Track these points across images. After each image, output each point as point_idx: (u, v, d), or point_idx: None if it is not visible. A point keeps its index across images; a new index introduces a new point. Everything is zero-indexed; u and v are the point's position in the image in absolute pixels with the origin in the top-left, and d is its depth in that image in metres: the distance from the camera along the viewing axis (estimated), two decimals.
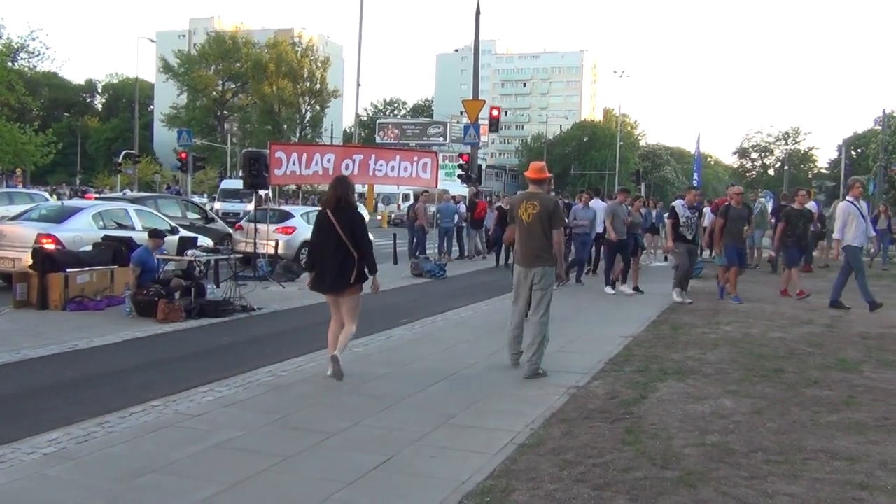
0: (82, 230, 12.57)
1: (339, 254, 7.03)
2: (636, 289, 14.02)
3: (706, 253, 18.21)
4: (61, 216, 12.96)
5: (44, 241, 11.71)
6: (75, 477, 4.51)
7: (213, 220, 19.28)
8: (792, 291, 13.21)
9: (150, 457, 4.86)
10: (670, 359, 8.04)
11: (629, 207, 14.41)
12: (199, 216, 18.57)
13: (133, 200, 16.34)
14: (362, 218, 7.27)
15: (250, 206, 23.06)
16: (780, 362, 7.92)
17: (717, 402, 6.31)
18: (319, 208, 7.97)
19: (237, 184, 34.15)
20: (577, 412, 6.02)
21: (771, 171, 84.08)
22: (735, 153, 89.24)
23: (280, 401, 6.31)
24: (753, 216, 15.64)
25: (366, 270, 7.20)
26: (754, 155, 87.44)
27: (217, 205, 34.84)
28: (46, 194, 29.70)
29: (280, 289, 13.64)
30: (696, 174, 21.26)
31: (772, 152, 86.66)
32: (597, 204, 15.83)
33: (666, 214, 14.99)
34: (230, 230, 19.32)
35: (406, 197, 45.50)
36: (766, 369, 7.57)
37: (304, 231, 17.76)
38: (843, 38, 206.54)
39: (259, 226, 15.57)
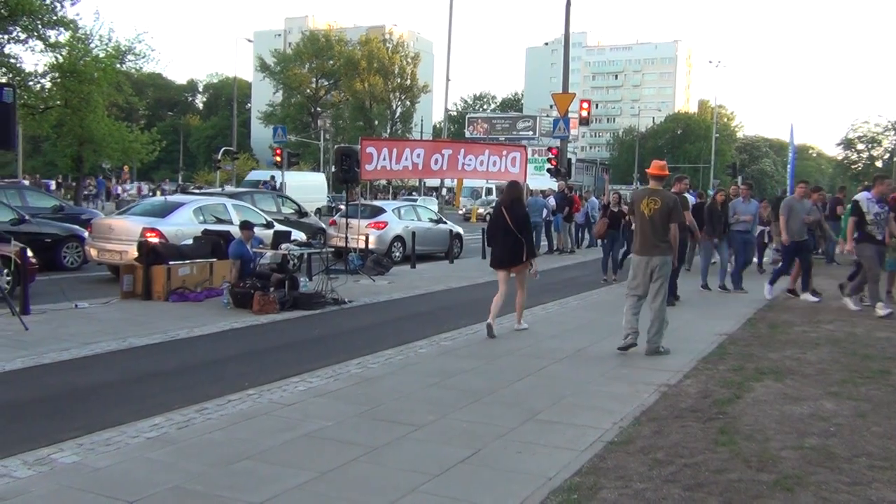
0: (184, 224, 13.10)
1: (510, 239, 8.93)
2: (814, 292, 12.32)
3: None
4: (165, 211, 13.53)
5: (148, 234, 12.27)
6: (175, 460, 4.71)
7: (306, 214, 19.78)
8: None
9: (245, 443, 5.02)
10: (767, 358, 7.76)
11: (810, 203, 12.94)
12: (293, 211, 19.11)
13: (231, 196, 16.92)
14: (527, 214, 9.36)
15: None
16: (886, 363, 7.53)
17: (818, 404, 6.05)
18: (496, 204, 9.74)
19: (261, 175, 37.11)
20: (668, 411, 5.89)
21: (879, 163, 79.82)
22: (839, 144, 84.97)
23: (369, 392, 6.41)
24: None
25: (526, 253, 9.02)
26: (861, 146, 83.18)
27: None
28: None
29: (370, 282, 13.87)
30: (790, 167, 20.16)
31: (880, 143, 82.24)
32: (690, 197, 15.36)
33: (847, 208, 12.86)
34: (322, 225, 19.81)
35: (489, 191, 45.35)
36: (871, 370, 7.21)
37: (396, 226, 18.29)
38: None
39: (352, 221, 15.91)
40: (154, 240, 12.09)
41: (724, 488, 4.30)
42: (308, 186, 35.30)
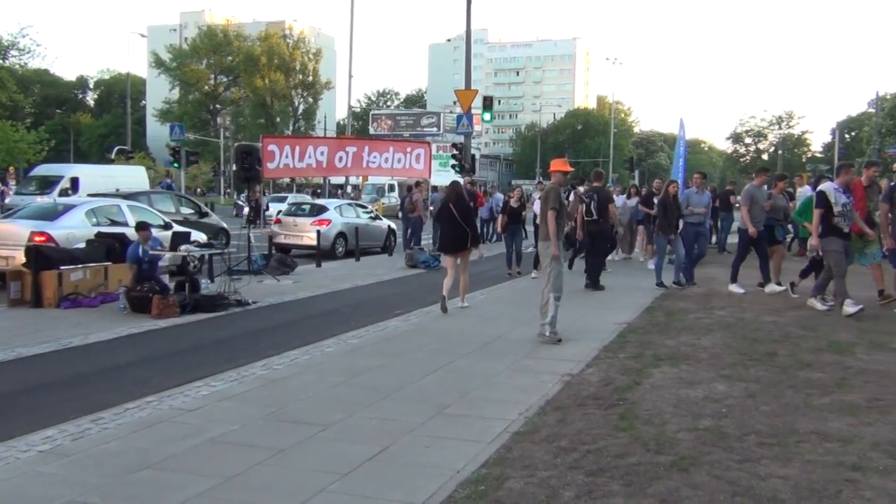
0: (76, 227, 12.55)
1: (458, 229, 10.60)
2: (779, 284, 12.05)
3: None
4: (55, 213, 12.94)
5: (37, 238, 11.69)
6: (70, 473, 4.52)
7: (207, 214, 19.29)
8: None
9: (144, 452, 4.86)
10: (664, 345, 8.07)
11: (770, 191, 12.81)
12: (192, 211, 18.57)
13: (126, 197, 16.27)
14: (470, 207, 11.51)
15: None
16: (773, 346, 7.95)
17: (711, 387, 6.34)
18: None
19: (55, 169, 26.55)
20: (571, 399, 6.05)
21: (765, 156, 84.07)
22: (729, 138, 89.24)
23: (275, 394, 6.32)
24: None
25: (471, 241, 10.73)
26: (748, 140, 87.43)
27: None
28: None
29: (275, 282, 13.65)
30: (680, 160, 20.80)
31: (766, 137, 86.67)
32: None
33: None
34: (224, 224, 19.37)
35: (391, 188, 44.99)
36: (759, 353, 7.60)
37: (338, 223, 19.46)
38: (835, 22, 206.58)
39: (298, 219, 16.88)
40: (44, 244, 11.52)
41: (624, 472, 4.45)
42: (121, 183, 23.45)
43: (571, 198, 10.94)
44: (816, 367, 7.00)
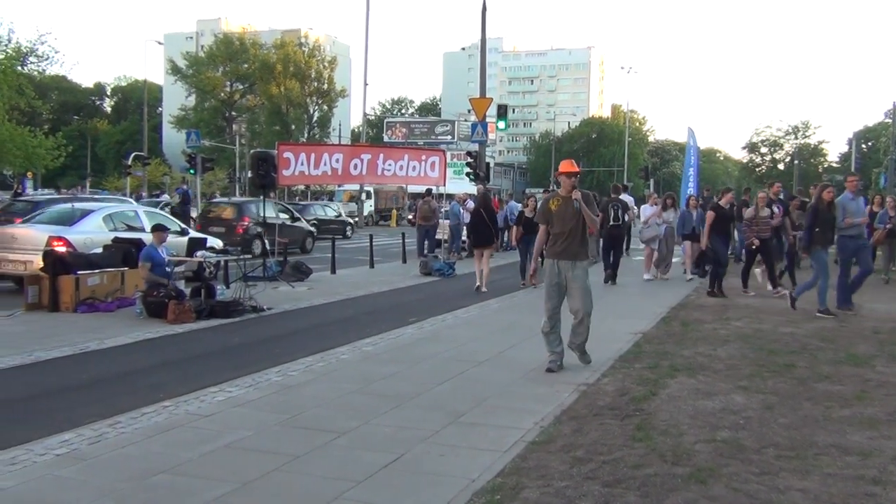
0: (93, 232, 12.66)
1: (486, 229, 14.18)
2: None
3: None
4: (72, 219, 13.06)
5: (55, 243, 11.78)
6: (87, 477, 4.53)
7: (298, 219, 22.68)
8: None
9: (161, 457, 4.88)
10: (680, 355, 8.01)
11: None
12: (287, 216, 21.41)
13: (246, 201, 18.03)
14: (494, 212, 14.98)
15: None
16: (791, 357, 7.89)
17: (728, 398, 6.29)
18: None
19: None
20: (587, 409, 6.01)
21: (781, 166, 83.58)
22: (744, 148, 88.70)
23: (290, 400, 6.32)
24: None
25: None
26: (764, 150, 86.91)
27: None
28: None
29: (290, 288, 13.68)
30: (691, 170, 20.48)
31: (781, 147, 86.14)
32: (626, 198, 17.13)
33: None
34: (312, 229, 22.80)
35: (368, 195, 44.76)
36: (777, 364, 7.53)
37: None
38: (852, 31, 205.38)
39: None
40: (61, 249, 11.62)
41: (641, 483, 4.42)
42: None
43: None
44: (835, 380, 6.93)
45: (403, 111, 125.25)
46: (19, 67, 27.12)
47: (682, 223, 15.47)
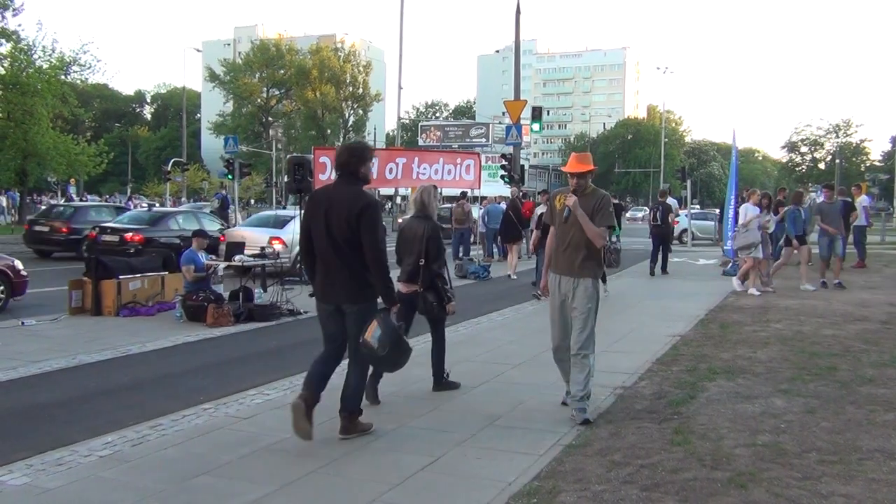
0: (295, 232, 14.72)
1: (514, 227, 17.16)
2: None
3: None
4: (284, 223, 16.70)
5: (274, 241, 14.61)
6: (129, 479, 4.62)
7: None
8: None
9: (201, 459, 4.95)
10: (719, 358, 7.92)
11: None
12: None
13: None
14: (521, 212, 17.37)
15: None
16: (833, 360, 7.74)
17: (769, 402, 6.19)
18: None
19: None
20: (625, 412, 5.97)
21: (822, 165, 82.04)
22: (784, 147, 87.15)
23: (326, 403, 6.34)
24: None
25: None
26: (804, 149, 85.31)
27: None
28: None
29: None
30: (732, 170, 20.46)
31: (822, 146, 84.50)
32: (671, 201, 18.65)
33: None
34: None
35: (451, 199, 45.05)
36: (818, 367, 7.40)
37: None
38: (894, 27, 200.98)
39: None
40: (279, 247, 14.25)
41: (680, 487, 4.37)
42: None
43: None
44: (879, 383, 6.79)
45: (438, 114, 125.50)
46: (63, 76, 27.72)
47: (794, 222, 13.87)
